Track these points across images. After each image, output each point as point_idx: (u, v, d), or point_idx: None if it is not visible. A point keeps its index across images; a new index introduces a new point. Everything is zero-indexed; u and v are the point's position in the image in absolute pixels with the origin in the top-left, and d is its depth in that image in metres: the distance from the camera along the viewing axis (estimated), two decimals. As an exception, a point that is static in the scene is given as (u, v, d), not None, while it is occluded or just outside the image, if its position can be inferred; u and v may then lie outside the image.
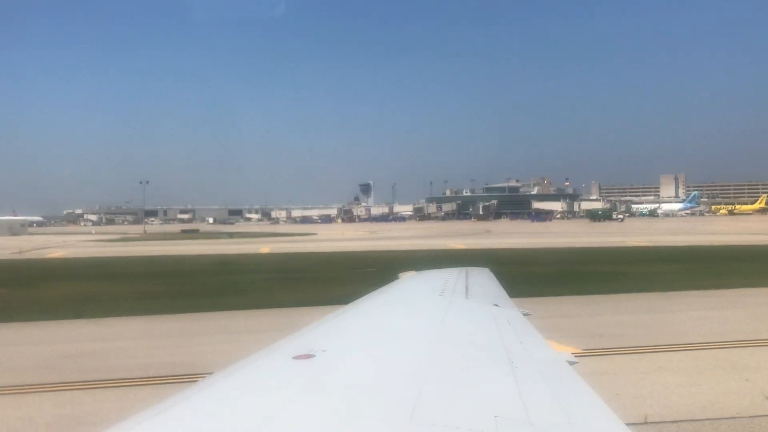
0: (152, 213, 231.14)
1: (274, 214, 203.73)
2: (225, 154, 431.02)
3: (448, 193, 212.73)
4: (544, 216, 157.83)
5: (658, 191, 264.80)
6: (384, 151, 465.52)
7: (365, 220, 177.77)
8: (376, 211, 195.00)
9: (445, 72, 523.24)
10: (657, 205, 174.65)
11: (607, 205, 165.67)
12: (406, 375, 2.58)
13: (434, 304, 4.81)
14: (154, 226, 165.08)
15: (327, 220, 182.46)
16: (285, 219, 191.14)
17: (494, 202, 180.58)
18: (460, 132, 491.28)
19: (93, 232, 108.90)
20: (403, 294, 5.68)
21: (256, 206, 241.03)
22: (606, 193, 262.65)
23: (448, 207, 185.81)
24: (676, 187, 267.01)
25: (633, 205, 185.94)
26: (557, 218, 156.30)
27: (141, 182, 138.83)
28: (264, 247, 51.01)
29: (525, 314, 4.61)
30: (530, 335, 3.73)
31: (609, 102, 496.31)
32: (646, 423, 7.68)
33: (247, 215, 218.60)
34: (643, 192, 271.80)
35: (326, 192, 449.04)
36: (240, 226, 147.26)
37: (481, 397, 2.41)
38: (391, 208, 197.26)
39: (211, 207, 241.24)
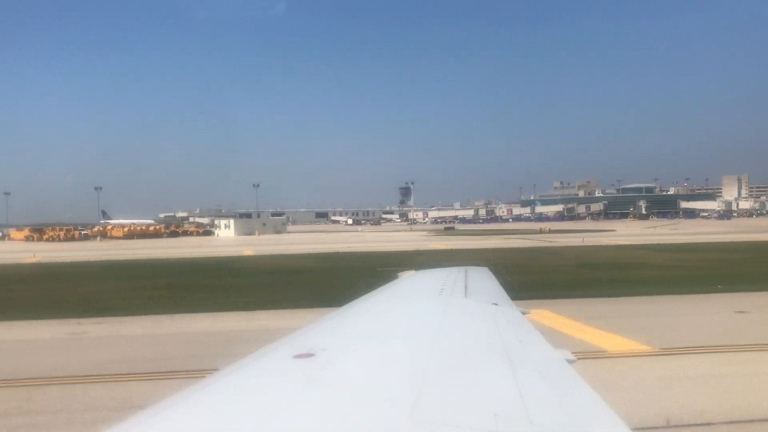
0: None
1: (411, 215, 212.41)
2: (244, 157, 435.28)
3: (581, 194, 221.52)
4: (724, 214, 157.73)
5: (720, 193, 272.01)
6: (405, 153, 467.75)
7: (527, 218, 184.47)
8: (516, 211, 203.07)
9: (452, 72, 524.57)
10: None
11: None
12: (405, 374, 2.59)
13: (433, 303, 4.85)
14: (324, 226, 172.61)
15: (486, 219, 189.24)
16: (422, 220, 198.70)
17: (643, 202, 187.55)
18: (470, 134, 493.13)
19: (355, 227, 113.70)
20: (402, 293, 5.71)
21: (339, 208, 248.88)
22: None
23: (596, 207, 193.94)
24: (739, 188, 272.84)
25: None
26: (735, 216, 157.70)
27: (254, 186, 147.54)
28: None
29: (524, 313, 4.67)
30: (529, 334, 3.76)
31: (665, 104, 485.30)
32: (645, 427, 7.54)
33: (386, 216, 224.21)
34: (704, 193, 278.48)
35: (359, 194, 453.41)
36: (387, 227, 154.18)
37: (481, 396, 2.42)
38: (533, 209, 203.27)
39: (298, 210, 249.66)
